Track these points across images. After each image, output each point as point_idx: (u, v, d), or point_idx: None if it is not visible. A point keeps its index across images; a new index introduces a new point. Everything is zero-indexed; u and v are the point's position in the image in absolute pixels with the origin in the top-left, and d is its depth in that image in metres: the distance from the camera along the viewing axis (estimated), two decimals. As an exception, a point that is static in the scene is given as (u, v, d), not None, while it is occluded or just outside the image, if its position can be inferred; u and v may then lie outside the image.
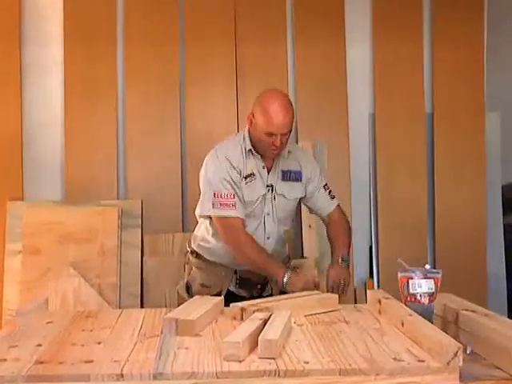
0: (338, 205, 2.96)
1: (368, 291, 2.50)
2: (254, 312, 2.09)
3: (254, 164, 2.78)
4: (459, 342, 1.67)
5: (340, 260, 2.81)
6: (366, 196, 4.11)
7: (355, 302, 3.74)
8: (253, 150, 2.76)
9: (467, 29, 4.10)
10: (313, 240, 3.91)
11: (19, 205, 3.81)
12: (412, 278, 2.13)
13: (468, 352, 1.83)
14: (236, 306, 2.23)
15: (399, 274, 2.17)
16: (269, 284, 2.85)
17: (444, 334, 1.75)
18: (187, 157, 3.93)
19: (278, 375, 1.60)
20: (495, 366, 1.73)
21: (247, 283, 2.85)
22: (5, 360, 1.72)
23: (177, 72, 3.99)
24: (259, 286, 2.85)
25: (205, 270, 2.90)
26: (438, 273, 2.15)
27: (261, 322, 1.91)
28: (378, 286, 3.97)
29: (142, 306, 3.61)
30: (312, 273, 2.99)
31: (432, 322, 1.99)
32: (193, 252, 2.95)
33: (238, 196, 2.72)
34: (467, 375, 1.63)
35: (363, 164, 4.12)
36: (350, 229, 2.98)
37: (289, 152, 2.82)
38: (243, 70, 4.02)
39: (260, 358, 1.69)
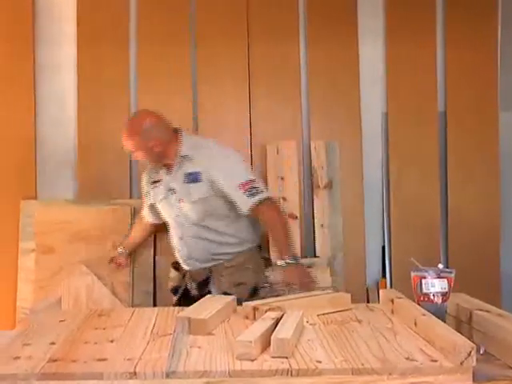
0: (264, 200, 2.92)
1: (381, 291, 2.50)
2: (266, 311, 2.10)
3: (163, 171, 3.09)
4: (472, 342, 1.66)
5: (286, 262, 2.84)
6: (378, 195, 4.10)
7: (368, 302, 3.73)
8: None
9: (480, 28, 4.08)
10: (325, 239, 3.90)
11: (32, 204, 3.83)
12: (425, 278, 2.13)
13: (481, 352, 1.82)
14: (248, 305, 2.23)
15: (412, 274, 2.17)
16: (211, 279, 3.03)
17: (457, 333, 1.74)
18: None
19: (291, 374, 1.60)
20: (509, 366, 1.73)
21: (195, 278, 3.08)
22: (18, 358, 1.73)
23: (188, 71, 3.99)
24: (194, 285, 3.06)
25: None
26: (451, 272, 2.15)
27: (273, 321, 1.91)
28: (391, 286, 3.95)
29: (154, 305, 3.62)
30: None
31: (445, 322, 1.98)
32: None
33: (146, 199, 3.24)
34: (480, 375, 1.63)
35: (376, 163, 4.10)
36: (281, 222, 2.95)
37: (185, 156, 2.99)
38: (255, 70, 4.01)
39: (272, 357, 1.69)
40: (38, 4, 3.97)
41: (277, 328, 1.83)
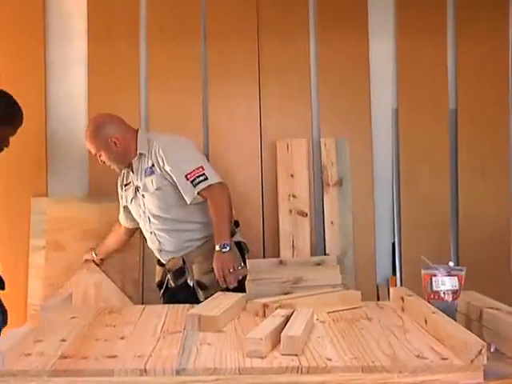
0: (209, 186, 2.99)
1: (391, 288, 2.50)
2: (276, 308, 2.10)
3: (130, 173, 3.20)
4: (483, 340, 1.66)
5: (218, 248, 2.90)
6: (388, 193, 4.09)
7: (378, 299, 3.73)
8: None
9: (492, 24, 4.05)
10: (335, 236, 3.90)
11: (43, 201, 3.84)
12: (435, 276, 2.12)
13: (492, 350, 1.82)
14: (258, 302, 2.23)
15: (423, 272, 2.17)
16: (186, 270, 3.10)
17: (468, 331, 1.74)
18: (209, 153, 3.94)
19: (301, 372, 1.60)
20: (519, 364, 1.72)
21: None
22: (30, 354, 1.74)
23: (199, 68, 3.99)
24: (170, 275, 3.14)
25: None
26: (461, 270, 2.14)
27: (283, 318, 1.91)
28: (401, 284, 3.94)
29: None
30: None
31: (455, 320, 1.98)
32: None
33: (120, 202, 3.35)
34: (491, 373, 1.62)
35: (386, 160, 4.09)
36: (219, 207, 2.99)
37: (141, 154, 3.12)
38: (265, 68, 4.01)
39: (282, 354, 1.69)
40: (48, 1, 3.98)
41: (287, 325, 1.83)
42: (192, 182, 2.97)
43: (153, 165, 3.06)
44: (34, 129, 3.89)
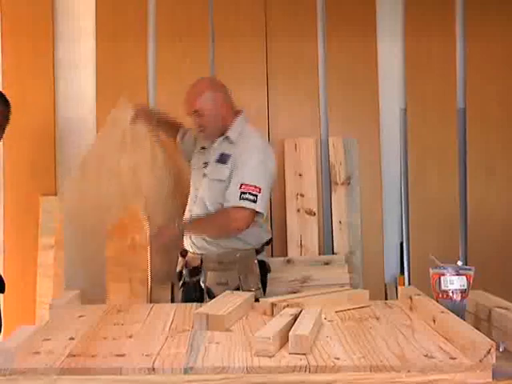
0: (242, 208, 2.77)
1: (399, 288, 2.50)
2: (284, 307, 2.10)
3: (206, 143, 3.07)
4: (492, 339, 1.65)
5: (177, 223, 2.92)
6: (397, 192, 4.08)
7: (386, 299, 3.72)
8: None
9: (501, 24, 4.04)
10: (343, 236, 3.90)
11: (52, 200, 3.85)
12: (444, 275, 2.12)
13: (501, 350, 1.81)
14: (266, 301, 2.23)
15: (431, 271, 2.16)
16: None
17: (476, 331, 1.73)
18: (218, 152, 3.94)
19: (309, 371, 1.60)
20: (528, 364, 1.71)
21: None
22: (38, 353, 1.75)
23: (207, 68, 4.00)
24: (185, 271, 3.04)
25: None
26: (470, 269, 2.13)
27: (291, 317, 1.91)
28: (409, 283, 3.94)
29: (172, 301, 3.63)
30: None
31: (464, 319, 1.97)
32: None
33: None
34: (500, 373, 1.62)
35: (394, 160, 4.08)
36: (224, 229, 2.87)
37: (228, 137, 2.95)
38: (273, 67, 4.01)
39: (291, 353, 1.69)
40: (57, 1, 3.99)
41: (295, 324, 1.83)
42: (242, 193, 2.77)
43: (229, 155, 2.89)
44: (43, 128, 3.90)
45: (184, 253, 3.10)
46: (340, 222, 3.91)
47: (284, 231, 3.89)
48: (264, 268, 3.01)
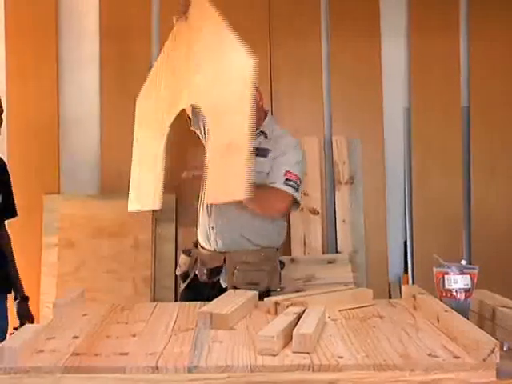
0: (291, 196, 2.81)
1: (403, 286, 2.49)
2: (288, 306, 2.09)
3: None
4: (496, 338, 1.65)
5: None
6: (400, 191, 4.08)
7: (390, 297, 3.72)
8: None
9: (505, 23, 4.04)
10: (347, 235, 3.90)
11: (55, 198, 3.86)
12: (448, 274, 2.11)
13: (505, 349, 1.81)
14: (270, 300, 2.23)
15: (435, 270, 2.16)
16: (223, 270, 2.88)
17: (480, 330, 1.73)
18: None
19: (313, 370, 1.60)
20: (532, 363, 1.71)
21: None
22: (42, 351, 1.75)
23: (211, 67, 4.00)
24: (205, 271, 2.90)
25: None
26: (474, 268, 2.13)
27: (295, 316, 1.91)
28: (413, 282, 3.94)
29: (176, 300, 3.63)
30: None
31: (468, 319, 1.97)
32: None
33: None
34: (504, 372, 1.61)
35: (398, 159, 4.08)
36: (269, 211, 2.85)
37: (263, 132, 2.91)
38: (277, 67, 4.01)
39: (294, 352, 1.69)
40: (61, 1, 4.00)
41: (299, 323, 1.83)
42: (286, 179, 2.80)
43: (269, 149, 2.87)
44: (47, 126, 3.91)
45: (188, 252, 3.06)
46: (344, 221, 3.91)
47: (288, 230, 3.88)
48: (281, 267, 3.01)
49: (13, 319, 2.93)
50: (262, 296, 2.52)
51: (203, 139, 3.05)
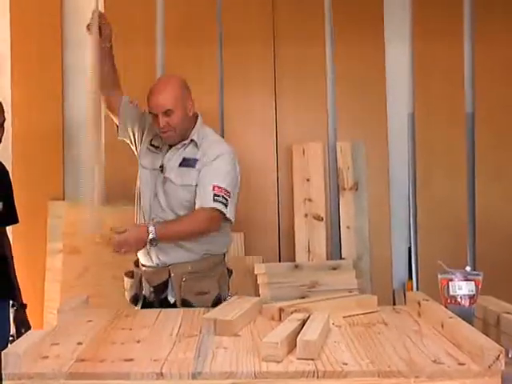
0: (217, 210, 2.66)
1: (407, 293, 2.50)
2: (292, 313, 2.09)
3: (164, 146, 2.83)
4: (501, 345, 1.64)
5: (151, 230, 2.59)
6: (404, 197, 4.08)
7: (394, 304, 3.71)
8: None
9: (509, 27, 4.03)
10: (351, 241, 3.90)
11: (60, 204, 3.87)
12: (452, 280, 2.11)
13: (510, 356, 1.80)
14: (274, 306, 2.23)
15: (439, 276, 2.15)
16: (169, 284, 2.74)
17: (485, 337, 1.73)
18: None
19: (317, 376, 1.60)
20: (538, 370, 1.70)
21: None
22: (46, 357, 1.75)
23: (215, 72, 4.01)
24: (152, 289, 2.75)
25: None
26: (478, 275, 2.13)
27: (299, 322, 1.91)
28: (417, 288, 3.93)
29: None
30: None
31: (473, 325, 1.96)
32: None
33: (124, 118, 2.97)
34: (509, 379, 1.61)
35: (402, 164, 4.08)
36: (196, 230, 2.70)
37: (192, 141, 2.77)
38: (281, 71, 4.02)
39: (298, 358, 1.69)
40: (65, 6, 4.01)
41: (303, 329, 1.83)
42: (215, 195, 2.66)
43: (196, 159, 2.74)
44: (51, 132, 3.92)
45: (130, 274, 2.90)
46: (348, 227, 3.91)
47: (292, 236, 3.89)
48: (229, 274, 2.91)
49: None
50: (213, 306, 2.50)
51: (133, 147, 2.98)
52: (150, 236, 2.58)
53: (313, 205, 3.88)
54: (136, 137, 2.96)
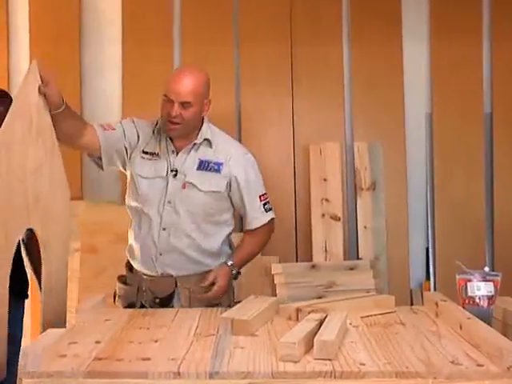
0: (272, 219, 2.75)
1: (425, 293, 2.48)
2: (309, 313, 2.09)
3: (163, 145, 2.68)
4: (520, 346, 1.63)
5: (229, 263, 2.67)
6: (422, 197, 4.06)
7: (411, 304, 3.70)
8: (162, 129, 2.68)
9: (528, 26, 4.02)
10: (368, 241, 3.88)
11: (78, 204, 3.88)
12: (471, 281, 2.10)
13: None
14: (291, 306, 2.23)
15: (457, 277, 2.15)
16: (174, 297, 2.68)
17: (504, 338, 1.72)
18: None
19: (334, 376, 1.60)
20: (557, 371, 1.69)
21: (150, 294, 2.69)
22: (65, 356, 1.76)
23: (232, 72, 4.01)
24: (157, 300, 2.67)
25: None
26: (497, 275, 2.11)
27: (316, 322, 1.91)
28: (435, 289, 3.91)
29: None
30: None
31: (491, 326, 1.95)
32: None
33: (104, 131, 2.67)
34: (528, 381, 1.60)
35: (420, 164, 4.06)
36: (262, 246, 2.81)
37: (204, 140, 2.67)
38: (298, 71, 4.01)
39: (316, 358, 1.69)
40: (84, 7, 4.03)
41: (320, 330, 1.83)
42: (264, 205, 2.71)
43: (221, 163, 2.64)
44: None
45: (123, 279, 2.81)
46: (365, 227, 3.90)
47: (309, 236, 3.88)
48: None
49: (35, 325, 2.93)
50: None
51: (122, 168, 2.79)
52: (234, 272, 2.68)
53: (330, 205, 3.87)
54: (126, 155, 2.72)
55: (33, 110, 2.19)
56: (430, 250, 4.00)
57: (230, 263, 2.66)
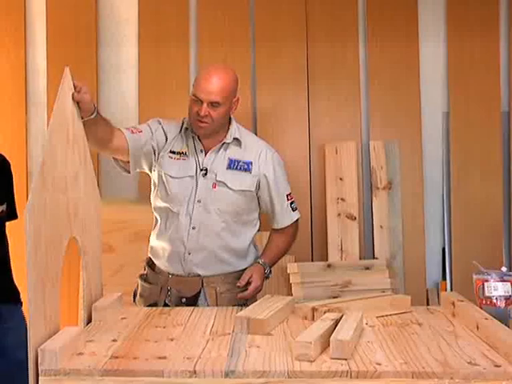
0: (298, 219, 2.82)
1: (441, 293, 2.47)
2: (325, 312, 2.09)
3: (191, 145, 2.69)
4: (537, 347, 1.62)
5: (262, 264, 2.73)
6: (439, 196, 4.04)
7: (428, 304, 3.68)
8: (189, 128, 2.69)
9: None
10: (384, 240, 3.87)
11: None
12: (488, 281, 2.09)
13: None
14: (307, 305, 2.23)
15: (474, 277, 2.14)
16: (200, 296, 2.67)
17: (521, 338, 1.71)
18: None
19: (350, 376, 1.60)
20: None
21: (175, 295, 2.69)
22: (82, 354, 1.77)
23: (248, 71, 4.01)
24: (184, 300, 2.66)
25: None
26: (515, 275, 2.10)
27: (332, 322, 1.91)
28: (451, 289, 3.89)
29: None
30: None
31: (508, 327, 1.94)
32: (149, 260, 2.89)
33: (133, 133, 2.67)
34: (546, 381, 1.59)
35: (436, 164, 4.04)
36: (290, 245, 2.86)
37: (234, 140, 2.68)
38: (314, 70, 4.01)
39: (332, 358, 1.69)
40: (101, 7, 4.05)
41: (336, 329, 1.83)
42: (291, 204, 2.76)
43: (250, 162, 2.67)
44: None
45: (144, 277, 2.84)
46: (381, 227, 3.89)
47: (324, 235, 3.88)
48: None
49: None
50: None
51: (148, 170, 2.80)
52: (267, 271, 2.74)
53: (346, 204, 3.87)
54: (154, 156, 2.73)
55: (69, 118, 2.22)
56: (447, 250, 3.99)
57: (262, 261, 2.73)
